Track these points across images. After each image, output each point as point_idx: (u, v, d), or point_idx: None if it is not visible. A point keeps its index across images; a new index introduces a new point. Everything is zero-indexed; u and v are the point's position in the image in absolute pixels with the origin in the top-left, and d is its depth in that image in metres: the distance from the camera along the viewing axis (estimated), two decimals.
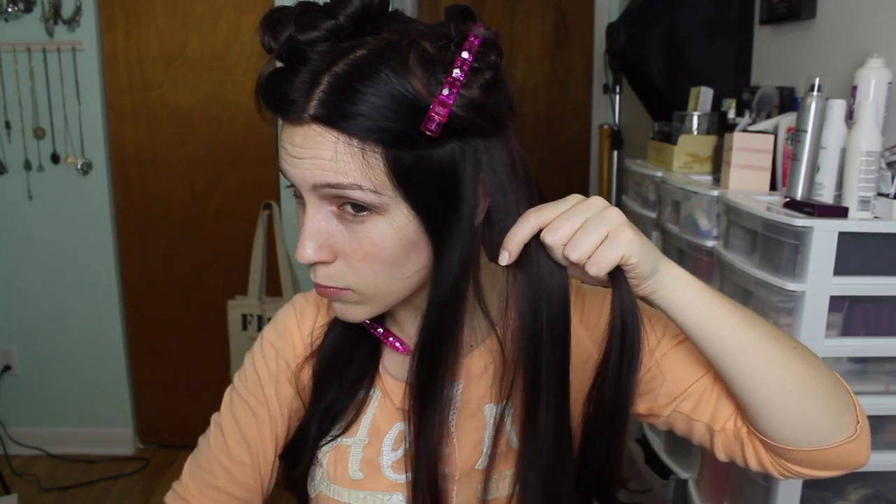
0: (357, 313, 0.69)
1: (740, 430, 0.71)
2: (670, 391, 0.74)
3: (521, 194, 0.65)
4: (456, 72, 0.60)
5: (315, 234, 0.63)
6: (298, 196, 0.65)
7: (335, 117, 0.59)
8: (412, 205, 0.62)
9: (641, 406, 0.76)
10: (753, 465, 0.72)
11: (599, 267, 0.60)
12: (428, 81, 0.59)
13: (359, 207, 0.61)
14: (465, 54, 0.60)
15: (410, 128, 0.59)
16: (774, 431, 0.67)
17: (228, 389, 0.83)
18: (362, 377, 0.77)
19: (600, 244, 0.60)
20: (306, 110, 0.59)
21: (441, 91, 0.59)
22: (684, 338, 0.75)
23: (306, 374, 0.79)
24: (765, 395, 0.65)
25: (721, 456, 0.74)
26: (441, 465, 0.72)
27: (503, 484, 0.74)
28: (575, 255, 0.60)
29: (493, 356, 0.75)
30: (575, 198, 0.62)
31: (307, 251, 0.63)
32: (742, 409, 0.69)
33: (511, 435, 0.74)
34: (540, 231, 0.62)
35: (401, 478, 0.75)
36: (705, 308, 0.64)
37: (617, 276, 0.62)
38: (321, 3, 0.62)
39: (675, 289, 0.64)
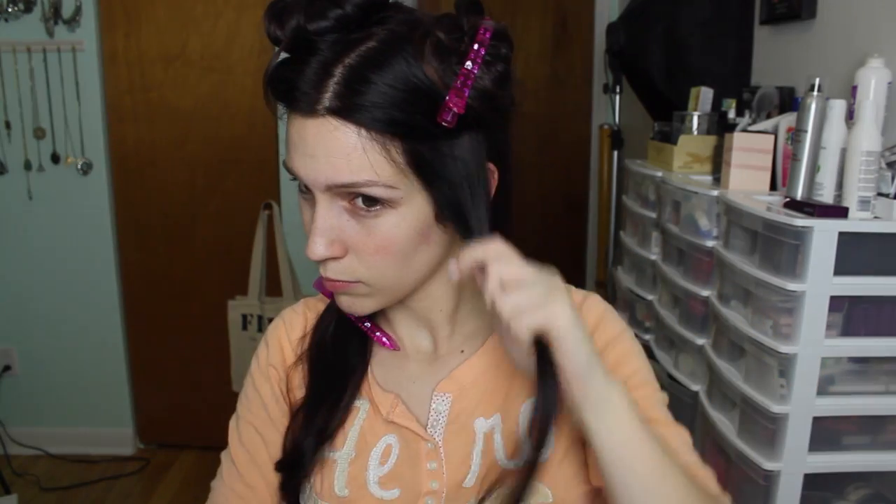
0: (365, 305, 0.68)
1: None
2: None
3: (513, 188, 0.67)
4: (469, 63, 0.60)
5: (326, 230, 0.62)
6: (304, 191, 0.64)
7: (351, 109, 0.58)
8: (430, 196, 0.62)
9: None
10: None
11: (519, 323, 0.57)
12: (443, 72, 0.59)
13: (371, 202, 0.61)
14: (477, 46, 0.60)
15: (426, 119, 0.59)
16: None
17: (233, 418, 0.80)
18: (348, 384, 0.75)
19: (533, 305, 0.57)
20: (320, 102, 0.58)
21: (457, 81, 0.59)
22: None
23: (297, 384, 0.77)
24: None
25: None
26: (428, 481, 0.70)
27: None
28: (503, 302, 0.57)
29: (486, 368, 0.73)
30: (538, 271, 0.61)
31: (318, 248, 0.62)
32: None
33: (500, 453, 0.72)
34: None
35: (388, 494, 0.71)
36: (629, 435, 0.60)
37: (543, 356, 0.59)
38: None
39: (609, 401, 0.59)
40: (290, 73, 0.60)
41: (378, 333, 0.76)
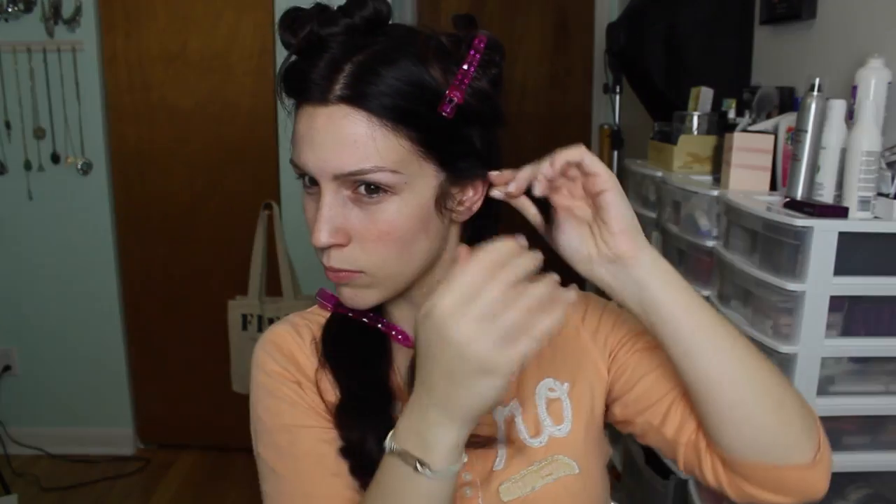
0: (366, 297, 0.70)
1: (699, 443, 0.71)
2: (639, 398, 0.75)
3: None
4: (466, 66, 0.66)
5: (331, 218, 0.65)
6: (309, 185, 0.68)
7: (362, 97, 0.62)
8: (443, 167, 0.67)
9: (617, 410, 0.77)
10: (711, 480, 0.71)
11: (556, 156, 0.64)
12: (444, 72, 0.65)
13: (373, 189, 0.65)
14: (473, 52, 0.66)
15: (429, 111, 0.65)
16: (730, 441, 0.67)
17: (260, 447, 0.74)
18: (388, 386, 0.74)
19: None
20: (332, 91, 0.63)
21: (456, 78, 0.65)
22: (656, 345, 0.74)
23: (326, 388, 0.74)
24: (725, 398, 0.65)
25: (682, 470, 0.74)
26: (461, 474, 0.70)
27: (523, 483, 0.73)
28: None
29: None
30: None
31: (323, 235, 0.65)
32: (701, 417, 0.69)
33: (524, 434, 0.75)
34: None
35: None
36: (678, 295, 0.66)
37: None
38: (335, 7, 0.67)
39: (656, 266, 0.67)
40: (303, 66, 0.64)
41: (394, 332, 0.77)
